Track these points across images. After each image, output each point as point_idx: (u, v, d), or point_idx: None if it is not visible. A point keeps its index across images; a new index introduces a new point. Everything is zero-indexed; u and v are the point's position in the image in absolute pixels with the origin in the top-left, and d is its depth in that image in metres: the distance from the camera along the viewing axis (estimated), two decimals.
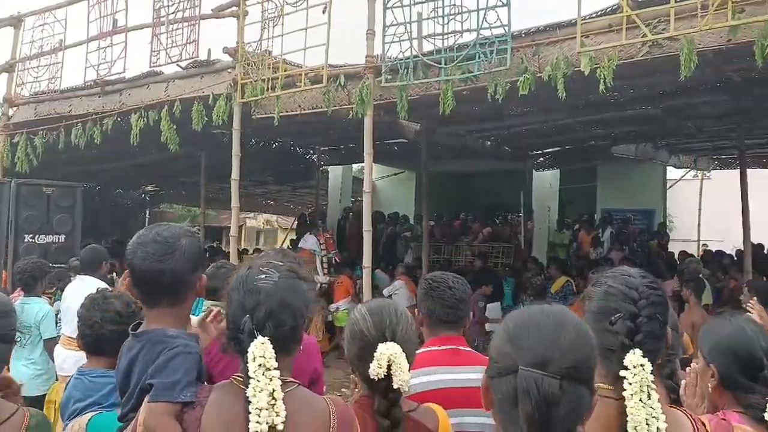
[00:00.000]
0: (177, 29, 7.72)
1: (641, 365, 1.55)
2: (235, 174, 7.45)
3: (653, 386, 1.56)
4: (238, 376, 1.69)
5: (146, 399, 1.70)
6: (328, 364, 8.02)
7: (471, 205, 16.85)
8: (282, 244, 20.04)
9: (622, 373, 1.56)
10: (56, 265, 7.28)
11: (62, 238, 8.25)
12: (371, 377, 1.87)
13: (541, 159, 14.73)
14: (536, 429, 1.19)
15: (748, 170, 9.72)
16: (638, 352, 1.58)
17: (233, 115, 7.45)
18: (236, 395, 1.66)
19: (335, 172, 16.63)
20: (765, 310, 5.51)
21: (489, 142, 12.60)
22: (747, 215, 8.58)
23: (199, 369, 1.80)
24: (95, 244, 6.60)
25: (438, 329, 2.61)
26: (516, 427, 1.22)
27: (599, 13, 5.44)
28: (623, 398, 1.56)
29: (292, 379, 1.70)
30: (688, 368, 2.20)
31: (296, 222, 18.26)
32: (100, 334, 2.60)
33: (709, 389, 2.06)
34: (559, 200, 15.73)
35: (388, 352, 1.86)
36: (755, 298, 5.60)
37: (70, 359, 4.60)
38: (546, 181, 15.51)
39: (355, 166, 16.77)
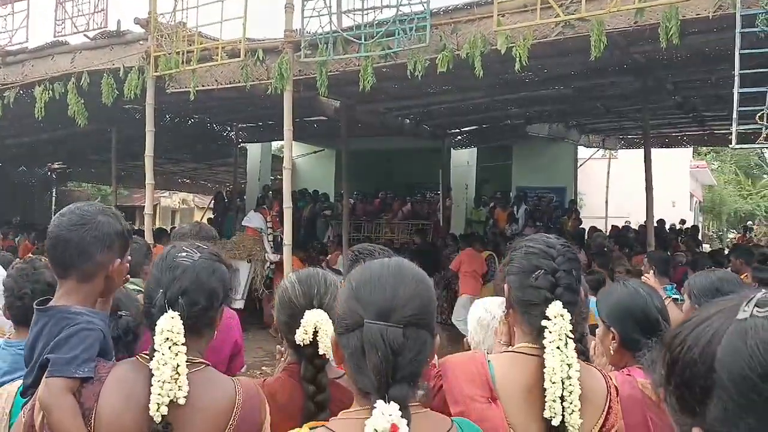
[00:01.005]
0: None
1: (561, 315, 1.66)
2: (149, 150, 7.21)
3: (571, 336, 1.66)
4: (144, 353, 1.69)
5: (45, 375, 1.69)
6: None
7: (391, 182, 16.99)
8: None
9: (544, 323, 1.66)
10: None
11: None
12: (297, 343, 1.89)
13: (459, 137, 15.00)
14: (383, 377, 1.24)
15: (651, 150, 10.22)
16: (559, 303, 1.68)
17: (146, 89, 7.19)
18: (139, 370, 1.66)
19: (254, 150, 16.36)
20: (658, 280, 5.88)
21: (408, 120, 12.71)
22: (651, 193, 9.03)
23: (104, 346, 1.78)
24: None
25: None
26: (364, 377, 1.27)
27: None
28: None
29: (200, 360, 1.71)
30: (597, 329, 2.31)
31: (213, 201, 17.92)
32: (30, 306, 2.53)
33: (611, 351, 2.17)
34: (476, 178, 16.10)
35: (314, 318, 1.89)
36: (653, 269, 5.96)
37: None
38: (464, 159, 15.83)
39: (275, 144, 16.55)
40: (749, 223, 25.54)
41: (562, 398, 1.63)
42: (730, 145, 4.70)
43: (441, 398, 1.69)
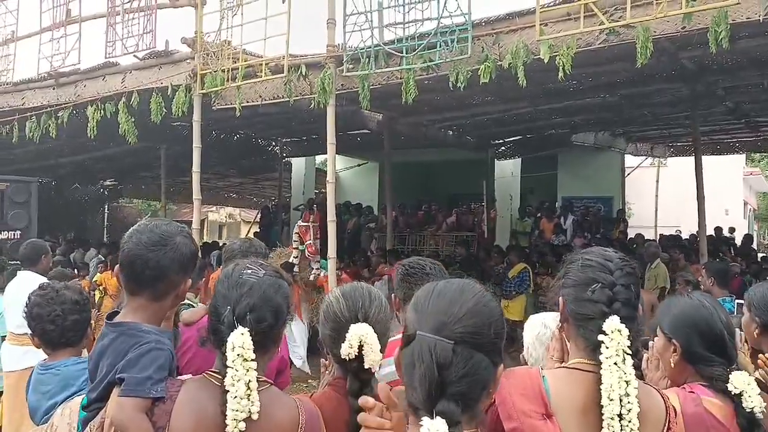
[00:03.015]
0: (133, 19, 7.56)
1: (618, 330, 1.61)
2: (196, 166, 7.34)
3: (629, 351, 1.61)
4: (212, 371, 1.71)
5: (115, 393, 1.70)
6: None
7: (434, 194, 16.94)
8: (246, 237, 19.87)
9: (600, 337, 1.61)
10: (11, 262, 7.10)
11: (17, 234, 8.05)
12: (343, 357, 1.88)
13: (503, 148, 14.89)
14: (428, 392, 1.22)
15: (702, 157, 9.96)
16: (616, 318, 1.63)
17: (193, 106, 7.34)
18: (208, 389, 1.68)
19: (298, 164, 16.54)
20: (718, 292, 5.68)
21: (451, 132, 12.68)
22: (702, 201, 8.79)
23: (171, 365, 1.80)
24: (43, 240, 6.48)
25: None
26: (413, 390, 1.25)
27: (558, 2, 5.49)
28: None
29: (265, 379, 1.73)
30: (650, 342, 2.23)
31: (259, 215, 18.16)
32: (64, 327, 2.62)
33: (671, 364, 2.09)
34: (520, 188, 15.93)
35: (359, 332, 1.87)
36: (712, 279, 5.77)
37: (16, 355, 4.58)
38: (508, 170, 15.69)
39: (318, 158, 16.71)
40: None
41: (620, 416, 1.57)
42: None
43: (494, 413, 1.64)
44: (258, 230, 17.42)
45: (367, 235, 14.44)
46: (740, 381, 1.93)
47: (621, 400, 1.57)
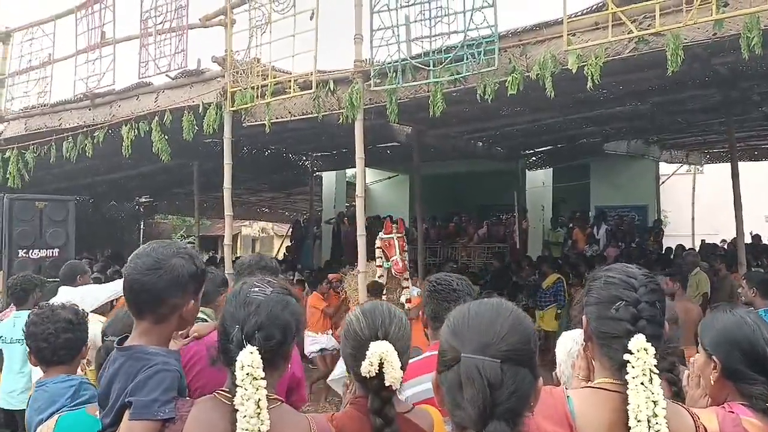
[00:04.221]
0: (165, 40, 7.72)
1: (645, 349, 1.58)
2: (227, 182, 7.44)
3: (656, 371, 1.58)
4: (222, 390, 1.73)
5: (126, 417, 1.73)
6: None
7: (465, 206, 16.88)
8: (278, 251, 20.03)
9: (626, 357, 1.59)
10: (50, 279, 7.25)
11: (56, 252, 8.22)
12: (363, 375, 1.89)
13: (534, 158, 14.77)
14: (481, 412, 1.22)
15: (739, 163, 9.74)
16: (641, 336, 1.60)
17: (224, 123, 7.45)
18: (219, 408, 1.70)
19: (329, 178, 16.65)
20: (761, 303, 5.52)
21: (481, 143, 12.63)
22: (740, 208, 8.59)
23: (179, 385, 1.83)
24: (80, 257, 6.61)
25: None
26: (461, 411, 1.25)
27: (585, 11, 5.45)
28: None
29: (276, 396, 1.74)
30: (692, 358, 2.18)
31: (291, 229, 18.29)
32: (57, 345, 2.70)
33: (711, 381, 2.04)
34: (552, 198, 15.77)
35: (379, 350, 1.88)
36: (755, 290, 5.61)
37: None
38: (539, 180, 15.55)
39: (349, 171, 16.80)
40: None
41: None
42: None
43: None
44: (290, 244, 17.55)
45: None
46: None
47: (649, 421, 1.54)
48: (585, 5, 5.54)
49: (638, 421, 1.55)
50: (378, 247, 7.17)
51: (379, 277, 7.22)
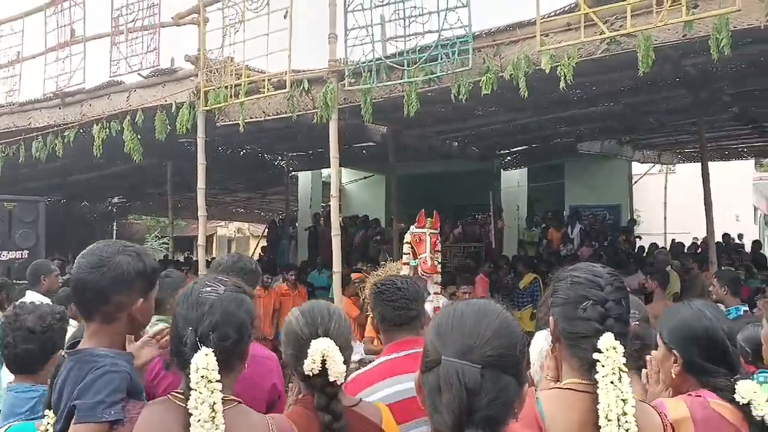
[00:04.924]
0: (137, 38, 7.61)
1: (614, 348, 1.58)
2: (200, 183, 7.36)
3: (625, 369, 1.58)
4: (177, 392, 1.68)
5: (72, 421, 1.69)
6: None
7: (441, 205, 16.79)
8: (254, 252, 19.91)
9: (596, 356, 1.58)
10: (20, 282, 7.11)
11: (25, 253, 8.08)
12: (306, 374, 1.91)
13: (509, 158, 14.86)
14: (456, 418, 1.19)
15: (711, 163, 9.89)
16: (610, 335, 1.60)
17: (197, 123, 7.37)
18: (171, 411, 1.65)
19: (305, 178, 16.59)
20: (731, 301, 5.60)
21: (456, 143, 12.68)
22: (710, 207, 8.72)
23: (131, 386, 1.78)
24: (51, 258, 6.49)
25: (394, 334, 2.59)
26: (439, 415, 1.22)
27: (558, 12, 5.49)
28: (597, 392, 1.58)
29: (232, 397, 1.70)
30: (648, 357, 2.19)
31: (267, 229, 18.18)
32: (16, 354, 2.59)
33: (672, 375, 2.05)
34: (527, 198, 15.89)
35: (321, 346, 1.90)
36: (725, 288, 5.69)
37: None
38: (514, 180, 15.65)
39: (325, 171, 16.73)
40: None
41: None
42: None
43: None
44: (265, 244, 17.45)
45: (375, 248, 14.42)
46: (747, 390, 1.89)
47: (618, 420, 1.54)
48: (558, 6, 5.59)
49: (608, 420, 1.54)
50: (407, 242, 6.17)
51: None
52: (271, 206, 21.97)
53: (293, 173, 15.97)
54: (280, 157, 14.80)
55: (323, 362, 1.89)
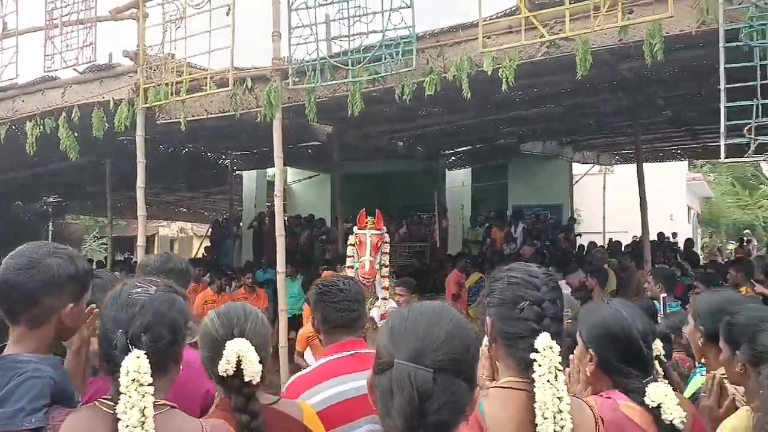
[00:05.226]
0: (72, 32, 7.36)
1: (550, 347, 1.61)
2: (140, 182, 7.18)
3: (561, 368, 1.61)
4: (104, 398, 1.62)
5: None
6: None
7: (387, 205, 16.91)
8: (197, 251, 19.57)
9: (533, 355, 1.60)
10: None
11: None
12: (221, 375, 1.91)
13: (454, 158, 15.04)
14: (408, 422, 1.19)
15: (646, 164, 10.23)
16: (547, 335, 1.62)
17: (136, 120, 7.19)
18: (98, 417, 1.59)
19: (249, 177, 16.39)
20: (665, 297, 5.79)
21: (401, 143, 12.74)
22: (645, 207, 9.02)
23: (57, 392, 1.70)
24: None
25: (335, 335, 2.57)
26: (390, 419, 1.22)
27: (499, 15, 5.57)
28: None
29: (165, 402, 1.65)
30: (571, 355, 2.19)
31: (210, 229, 17.90)
32: None
33: (587, 373, 2.07)
34: (471, 198, 16.10)
35: (236, 347, 1.91)
36: (660, 285, 5.87)
37: None
38: (459, 180, 15.85)
39: (270, 171, 16.56)
40: (746, 231, 25.38)
41: None
42: (718, 159, 4.66)
43: None
44: (209, 244, 17.18)
45: (320, 248, 14.37)
46: (657, 394, 1.91)
47: (555, 417, 1.57)
48: (500, 9, 5.68)
49: (545, 417, 1.57)
50: (351, 245, 5.74)
51: None
52: (215, 206, 21.63)
53: (237, 172, 15.77)
54: (223, 156, 14.59)
55: (239, 363, 1.89)
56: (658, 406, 1.89)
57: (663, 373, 2.79)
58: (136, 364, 1.54)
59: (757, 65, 4.48)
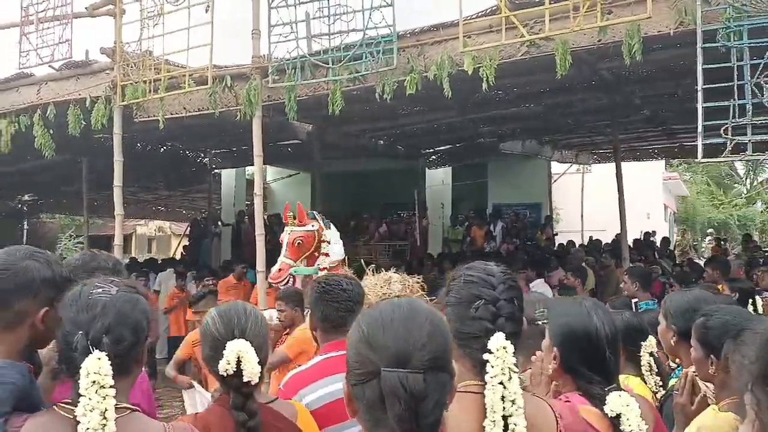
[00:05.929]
0: (48, 28, 7.24)
1: (504, 348, 1.55)
2: (117, 180, 7.09)
3: (515, 369, 1.55)
4: (64, 402, 1.57)
5: None
6: None
7: (367, 204, 16.95)
8: (175, 250, 19.40)
9: (486, 356, 1.55)
10: None
11: None
12: (221, 374, 1.97)
13: (434, 157, 15.05)
14: (407, 426, 1.17)
15: (624, 163, 10.34)
16: (501, 335, 1.57)
17: (114, 118, 7.10)
18: (57, 421, 1.54)
19: (228, 176, 16.26)
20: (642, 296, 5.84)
21: (382, 142, 12.73)
22: (623, 206, 9.11)
23: (21, 398, 1.64)
24: None
25: (332, 334, 2.57)
26: (385, 428, 1.19)
27: (480, 14, 5.59)
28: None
29: (127, 405, 1.61)
30: (533, 357, 2.15)
31: (189, 228, 17.74)
32: None
33: (549, 371, 2.02)
34: (452, 197, 16.14)
35: (236, 348, 1.96)
36: (636, 284, 5.91)
37: None
38: (439, 179, 15.88)
39: (249, 169, 16.44)
40: (710, 231, 25.78)
41: None
42: (696, 159, 4.72)
43: None
44: (188, 243, 17.03)
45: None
46: (617, 403, 1.85)
47: (506, 420, 1.51)
48: (480, 8, 5.69)
49: (493, 421, 1.51)
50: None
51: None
52: (193, 204, 21.43)
53: (216, 171, 15.64)
54: (202, 155, 14.46)
55: (238, 363, 1.94)
56: (618, 416, 1.83)
57: (656, 369, 2.82)
58: (96, 366, 1.49)
59: (734, 66, 4.54)
